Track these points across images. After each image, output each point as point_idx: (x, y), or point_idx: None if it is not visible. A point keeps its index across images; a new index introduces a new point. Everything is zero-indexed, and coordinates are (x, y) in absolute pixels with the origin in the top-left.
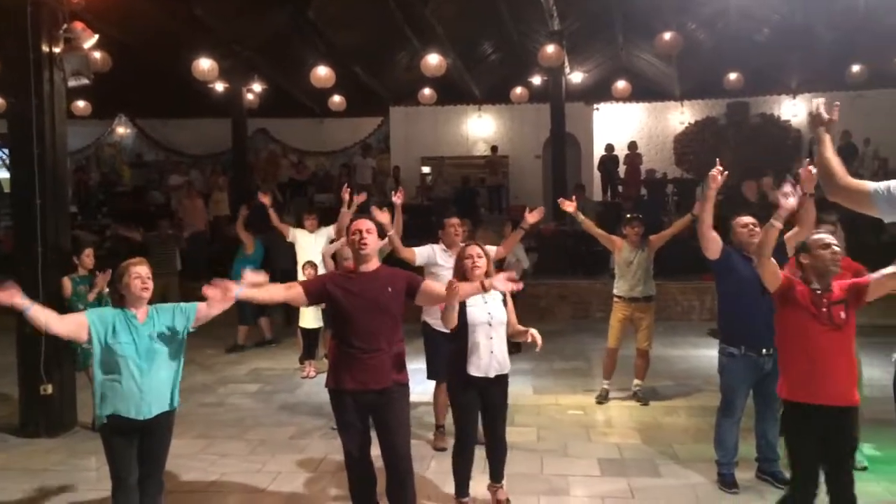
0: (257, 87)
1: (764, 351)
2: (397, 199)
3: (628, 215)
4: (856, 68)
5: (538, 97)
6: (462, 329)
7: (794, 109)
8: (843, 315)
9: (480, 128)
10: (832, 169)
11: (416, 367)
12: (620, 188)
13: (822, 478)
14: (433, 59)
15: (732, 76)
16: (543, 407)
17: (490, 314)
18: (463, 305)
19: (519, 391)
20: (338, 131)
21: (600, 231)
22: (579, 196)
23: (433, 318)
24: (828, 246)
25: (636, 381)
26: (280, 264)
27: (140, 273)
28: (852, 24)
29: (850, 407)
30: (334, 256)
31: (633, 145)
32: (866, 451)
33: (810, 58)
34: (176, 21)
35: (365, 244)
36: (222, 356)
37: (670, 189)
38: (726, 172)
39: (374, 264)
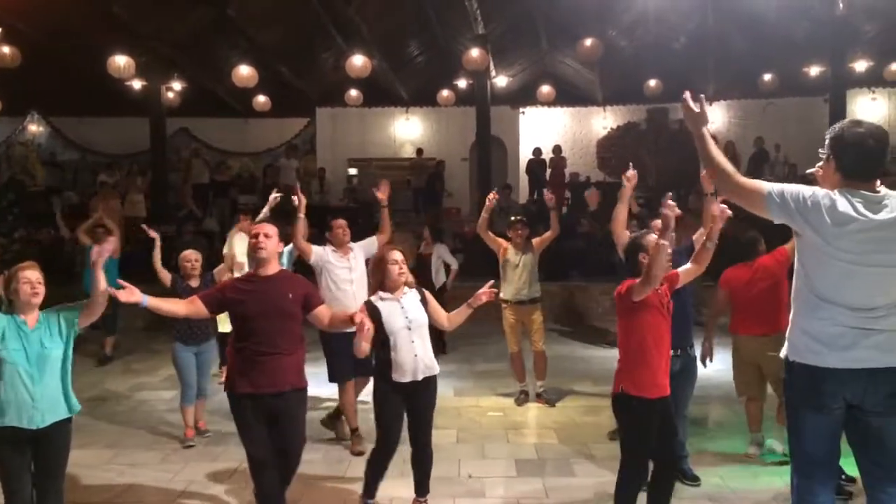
0: (177, 85)
1: (672, 353)
2: (299, 200)
3: (512, 218)
4: (767, 77)
5: (465, 100)
6: (383, 337)
7: (710, 116)
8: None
9: (408, 130)
10: (723, 166)
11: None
12: (546, 191)
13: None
14: (358, 61)
15: (652, 83)
16: (464, 409)
17: (408, 318)
18: (378, 318)
19: (440, 393)
20: (263, 132)
21: (491, 235)
22: (505, 196)
23: None
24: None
25: (539, 383)
26: None
27: (29, 278)
28: (763, 33)
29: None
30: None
31: (557, 149)
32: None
33: (725, 66)
34: (90, 15)
35: (262, 247)
36: (140, 362)
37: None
38: (635, 171)
39: (273, 268)
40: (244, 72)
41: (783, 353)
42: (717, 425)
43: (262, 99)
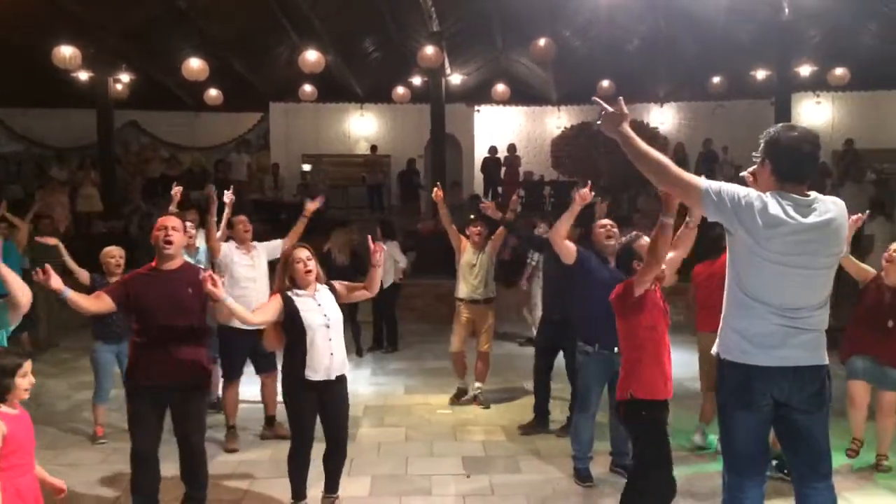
0: (126, 77)
1: (616, 349)
2: (228, 197)
3: (472, 216)
4: (716, 80)
5: (420, 97)
6: (298, 333)
7: (661, 117)
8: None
9: (362, 126)
10: (658, 159)
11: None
12: (500, 189)
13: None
14: (312, 56)
15: (605, 83)
16: (413, 406)
17: (326, 316)
18: (297, 310)
19: (390, 391)
20: (214, 126)
21: (454, 228)
22: (456, 194)
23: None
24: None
25: (477, 384)
26: None
27: None
28: (712, 37)
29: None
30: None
31: (512, 147)
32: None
33: (675, 68)
34: (36, 3)
35: (170, 242)
36: (77, 360)
37: (547, 191)
38: (597, 197)
39: (177, 262)
40: (195, 65)
41: (714, 350)
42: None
43: (213, 93)
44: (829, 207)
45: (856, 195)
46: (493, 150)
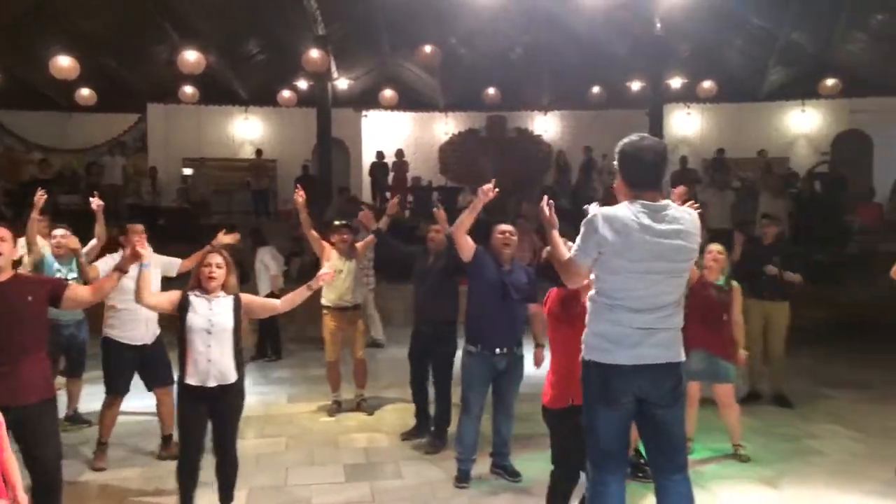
0: None
1: (497, 350)
2: (95, 204)
3: (336, 222)
4: (596, 90)
5: (306, 101)
6: (182, 333)
7: (545, 125)
8: None
9: (247, 130)
10: (566, 259)
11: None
12: (388, 195)
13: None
14: (191, 56)
15: (491, 91)
16: (296, 415)
17: (211, 321)
18: (186, 309)
19: (273, 400)
20: (88, 128)
21: (314, 234)
22: (343, 199)
23: (116, 332)
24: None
25: (358, 391)
26: None
27: None
28: (591, 49)
29: None
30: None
31: (400, 153)
32: None
33: (558, 78)
34: None
35: (1, 253)
36: None
37: (435, 196)
38: (496, 189)
39: (7, 273)
40: (64, 62)
41: (581, 355)
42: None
43: (86, 92)
44: (682, 214)
45: (719, 201)
46: (380, 154)
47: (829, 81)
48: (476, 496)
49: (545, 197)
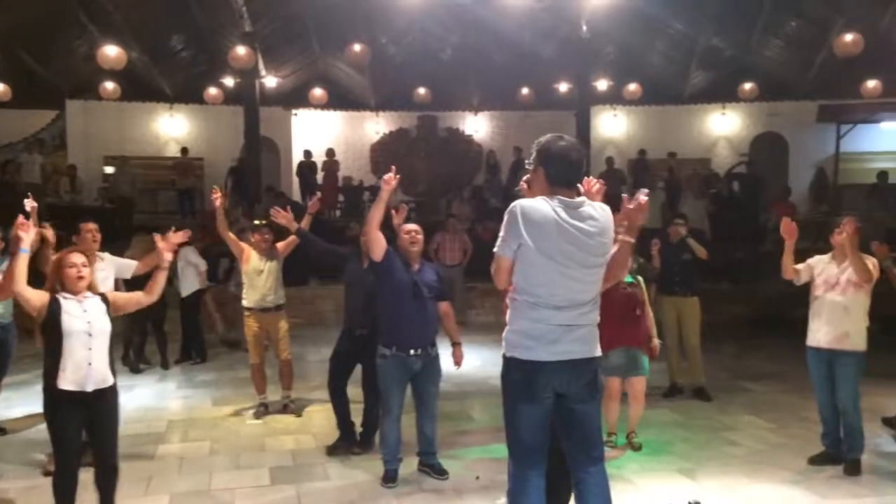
0: None
1: (412, 351)
2: (29, 205)
3: (255, 222)
4: (525, 91)
5: (233, 99)
6: (56, 337)
7: (476, 125)
8: None
9: (172, 128)
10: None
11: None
12: (319, 194)
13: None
14: (111, 51)
15: (421, 91)
16: (221, 419)
17: (90, 323)
18: (59, 311)
19: (197, 404)
20: (3, 124)
21: (231, 236)
22: (270, 199)
23: None
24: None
25: (285, 393)
26: None
27: None
28: (519, 51)
29: None
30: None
31: (330, 152)
32: None
33: (487, 79)
34: None
35: None
36: None
37: (367, 196)
38: (399, 177)
39: None
40: None
41: (502, 352)
42: (468, 419)
43: (0, 87)
44: (597, 211)
45: (650, 201)
46: (307, 154)
47: (748, 85)
48: (403, 495)
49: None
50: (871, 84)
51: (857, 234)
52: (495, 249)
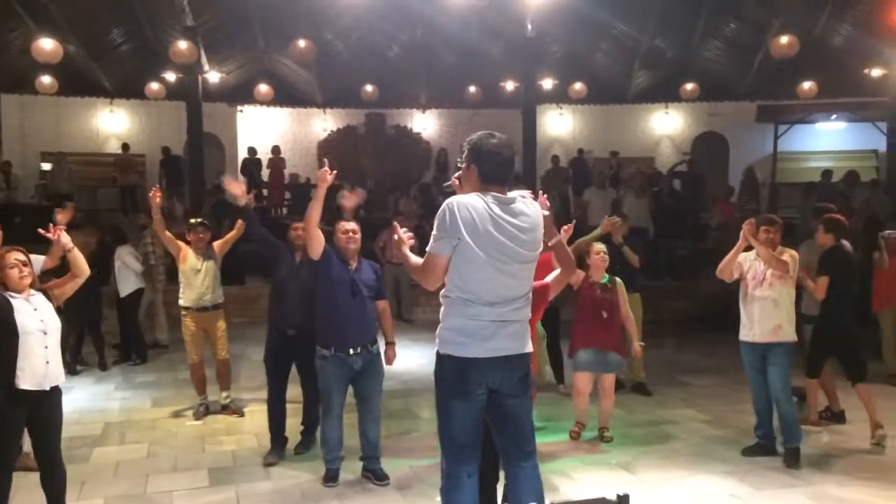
0: None
1: (352, 351)
2: None
3: (192, 220)
4: (472, 89)
5: (176, 94)
6: (10, 336)
7: (424, 123)
8: None
9: (113, 123)
10: (415, 264)
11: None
12: (265, 192)
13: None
14: (47, 44)
15: (369, 88)
16: (160, 420)
17: (43, 321)
18: (10, 310)
19: (136, 406)
20: None
21: (168, 235)
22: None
23: None
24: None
25: (224, 394)
26: None
27: None
28: (467, 49)
29: None
30: None
31: (276, 149)
32: None
33: (435, 77)
34: None
35: None
36: None
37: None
38: (335, 172)
39: None
40: None
41: (436, 349)
42: (413, 417)
43: None
44: (528, 207)
45: (600, 200)
46: (252, 150)
47: (689, 86)
48: (345, 495)
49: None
50: (807, 85)
51: (765, 232)
52: (429, 248)
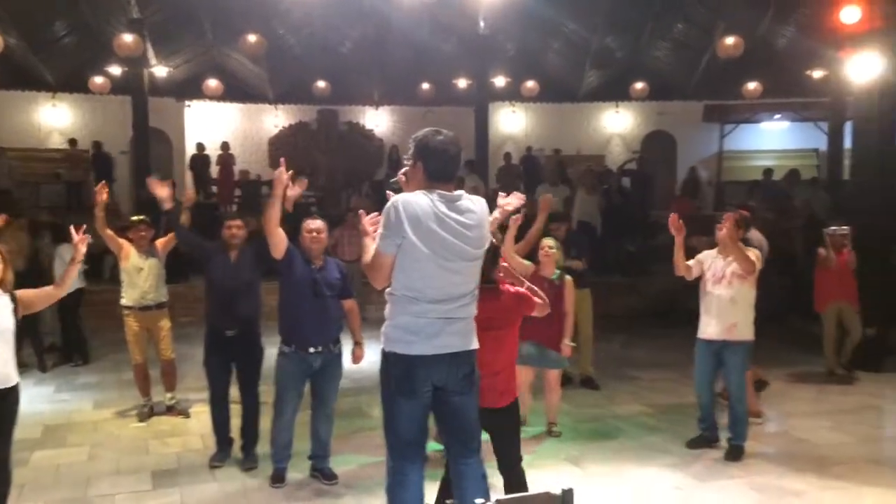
0: None
1: (312, 349)
2: None
3: (133, 218)
4: (425, 86)
5: (121, 89)
6: None
7: (377, 119)
8: None
9: (56, 118)
10: (365, 261)
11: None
12: (214, 188)
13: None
14: None
15: (321, 84)
16: (102, 422)
17: None
18: None
19: (77, 408)
20: None
21: (109, 232)
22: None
23: None
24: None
25: (169, 395)
26: None
27: None
28: (419, 46)
29: None
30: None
31: (225, 145)
32: None
33: (387, 73)
34: None
35: None
36: None
37: (264, 191)
38: (291, 171)
39: None
40: None
41: (381, 347)
42: (363, 415)
43: None
44: (474, 203)
45: (554, 196)
46: (200, 146)
47: (639, 85)
48: (292, 495)
49: (361, 212)
50: (752, 86)
51: (736, 228)
52: (377, 246)
